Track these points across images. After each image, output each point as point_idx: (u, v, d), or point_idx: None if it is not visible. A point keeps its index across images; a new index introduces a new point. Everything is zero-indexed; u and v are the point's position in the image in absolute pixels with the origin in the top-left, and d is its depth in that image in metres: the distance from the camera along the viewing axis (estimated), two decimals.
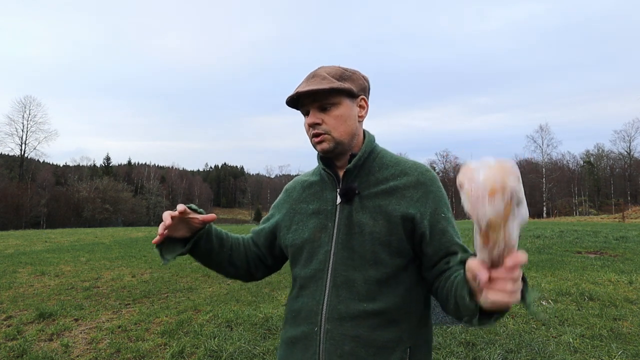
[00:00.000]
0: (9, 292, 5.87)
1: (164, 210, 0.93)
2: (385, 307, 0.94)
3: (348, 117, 1.02)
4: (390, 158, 1.08)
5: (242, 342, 3.46)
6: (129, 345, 3.49)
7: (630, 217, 28.80)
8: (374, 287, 0.95)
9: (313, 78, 1.02)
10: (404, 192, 1.00)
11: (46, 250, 11.43)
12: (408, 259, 0.99)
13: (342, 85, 0.99)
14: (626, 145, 57.04)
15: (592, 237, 11.73)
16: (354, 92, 1.02)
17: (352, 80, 1.03)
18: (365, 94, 1.07)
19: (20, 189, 49.12)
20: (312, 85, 0.98)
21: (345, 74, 1.03)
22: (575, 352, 3.20)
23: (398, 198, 0.99)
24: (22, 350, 3.39)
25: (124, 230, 23.97)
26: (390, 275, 0.96)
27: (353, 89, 1.01)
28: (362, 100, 1.06)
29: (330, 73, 1.02)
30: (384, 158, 1.07)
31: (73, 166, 77.39)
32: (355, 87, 1.03)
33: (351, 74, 1.04)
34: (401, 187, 1.01)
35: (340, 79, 1.01)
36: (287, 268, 1.17)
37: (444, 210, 1.00)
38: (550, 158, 56.75)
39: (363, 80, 1.06)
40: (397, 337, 0.94)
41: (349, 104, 1.02)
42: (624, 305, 4.43)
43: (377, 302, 0.94)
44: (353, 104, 1.03)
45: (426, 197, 1.00)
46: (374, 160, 1.06)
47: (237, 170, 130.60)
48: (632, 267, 6.82)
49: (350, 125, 1.03)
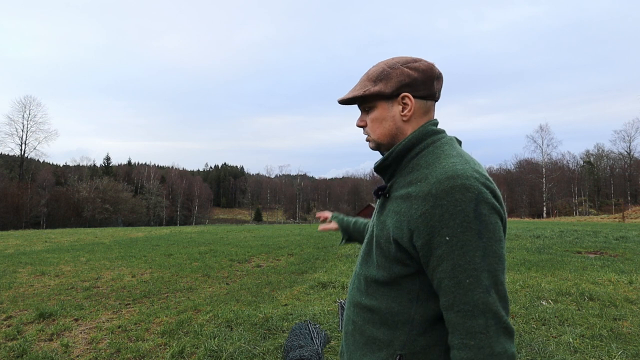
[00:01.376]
0: (9, 292, 5.87)
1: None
2: (378, 306, 0.94)
3: (384, 119, 0.99)
4: (432, 157, 0.92)
5: (242, 342, 3.46)
6: (129, 345, 3.49)
7: (630, 217, 28.79)
8: (373, 285, 0.96)
9: (357, 83, 1.05)
10: (413, 202, 0.87)
11: (46, 250, 11.42)
12: (413, 270, 0.89)
13: (368, 90, 0.97)
14: (626, 145, 57.09)
15: (592, 237, 11.74)
16: (386, 94, 0.97)
17: (388, 79, 0.97)
18: (412, 88, 0.97)
19: (20, 189, 49.13)
20: (347, 94, 1.03)
21: (383, 73, 0.98)
22: (575, 352, 3.19)
23: (407, 208, 0.88)
24: (22, 350, 3.39)
25: (124, 230, 23.98)
26: (389, 280, 0.93)
27: (384, 91, 0.96)
28: (404, 97, 0.97)
29: (372, 74, 1.00)
30: (425, 157, 0.94)
31: (73, 166, 77.28)
32: (390, 87, 0.96)
33: (390, 72, 0.97)
34: (413, 195, 0.88)
35: (376, 80, 0.98)
36: (287, 268, 1.18)
37: (450, 233, 0.80)
38: (550, 158, 56.78)
39: (406, 75, 0.96)
40: (387, 340, 0.92)
41: (385, 106, 0.99)
42: (624, 305, 4.43)
43: (372, 299, 0.96)
44: (391, 104, 0.98)
45: (431, 212, 0.82)
46: (412, 159, 0.95)
47: (237, 170, 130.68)
48: (632, 267, 6.82)
49: (387, 127, 0.99)
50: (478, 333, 0.77)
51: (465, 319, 0.78)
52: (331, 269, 7.33)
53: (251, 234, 17.88)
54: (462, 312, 0.78)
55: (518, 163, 67.44)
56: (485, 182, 0.85)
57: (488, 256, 0.79)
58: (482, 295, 0.77)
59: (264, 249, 11.21)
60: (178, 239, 15.08)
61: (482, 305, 0.77)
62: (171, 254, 10.22)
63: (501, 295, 0.79)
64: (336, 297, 5.06)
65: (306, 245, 11.89)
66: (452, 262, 0.80)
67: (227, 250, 10.99)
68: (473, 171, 0.85)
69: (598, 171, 67.50)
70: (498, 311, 0.78)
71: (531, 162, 59.43)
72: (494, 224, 0.81)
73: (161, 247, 11.84)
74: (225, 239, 14.96)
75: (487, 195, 0.82)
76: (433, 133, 0.97)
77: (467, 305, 0.78)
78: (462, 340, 0.79)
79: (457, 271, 0.79)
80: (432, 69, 0.99)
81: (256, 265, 8.27)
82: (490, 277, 0.78)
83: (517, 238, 12.16)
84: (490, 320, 0.77)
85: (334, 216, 1.61)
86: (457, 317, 0.79)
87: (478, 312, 0.77)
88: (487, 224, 0.80)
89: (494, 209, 0.82)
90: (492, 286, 0.78)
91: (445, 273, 0.81)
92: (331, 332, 3.61)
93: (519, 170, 65.67)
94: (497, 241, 0.81)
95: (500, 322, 0.78)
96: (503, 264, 0.81)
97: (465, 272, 0.78)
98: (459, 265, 0.79)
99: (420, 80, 0.97)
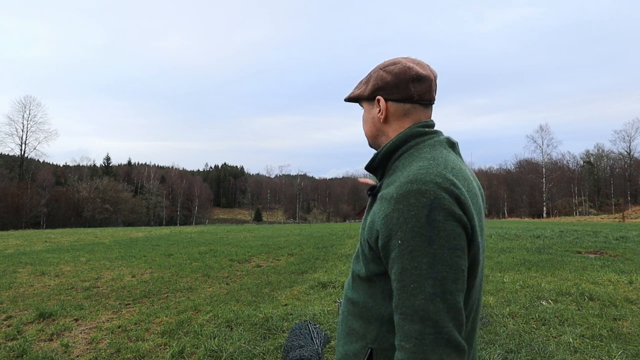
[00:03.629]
0: (9, 292, 5.87)
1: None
2: (358, 299, 0.98)
3: (367, 120, 1.07)
4: (409, 160, 0.93)
5: (242, 342, 3.46)
6: (129, 345, 3.49)
7: (630, 217, 28.79)
8: (357, 280, 1.01)
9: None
10: (382, 204, 0.87)
11: (46, 250, 11.43)
12: (384, 269, 0.89)
13: (352, 93, 1.07)
14: (626, 145, 57.04)
15: (592, 237, 11.74)
16: (363, 96, 1.04)
17: (367, 83, 1.03)
18: (385, 91, 0.99)
19: (20, 189, 49.12)
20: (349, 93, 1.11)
21: (368, 76, 1.05)
22: (575, 352, 3.19)
23: (377, 209, 0.89)
24: (22, 350, 3.39)
25: (124, 230, 23.97)
26: (368, 277, 0.96)
27: (361, 94, 1.04)
28: (379, 101, 1.00)
29: (364, 77, 1.07)
30: (405, 159, 0.94)
31: (73, 166, 77.21)
32: (367, 90, 1.02)
33: (371, 75, 1.03)
34: (384, 197, 0.88)
35: (363, 83, 1.05)
36: (287, 268, 1.19)
37: (402, 237, 0.80)
38: (550, 158, 56.73)
39: (380, 79, 0.99)
40: (362, 332, 0.95)
41: (367, 108, 1.06)
42: (624, 305, 4.43)
43: (354, 293, 1.01)
44: (371, 106, 1.04)
45: (390, 215, 0.83)
46: (395, 160, 0.97)
47: (237, 170, 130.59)
48: (632, 267, 6.82)
49: (369, 128, 1.06)
50: (413, 338, 0.77)
51: (405, 322, 0.79)
52: (331, 269, 7.34)
53: (251, 234, 17.88)
54: (404, 315, 0.79)
55: (518, 163, 67.48)
56: (448, 187, 0.82)
57: (437, 264, 0.77)
58: (422, 302, 0.77)
59: (264, 249, 11.21)
60: (178, 239, 15.08)
61: (421, 312, 0.76)
62: (171, 254, 10.22)
63: (449, 305, 0.77)
64: (336, 297, 5.06)
65: (306, 245, 11.89)
66: (401, 266, 0.80)
67: (227, 250, 10.99)
68: (435, 175, 0.83)
69: (598, 171, 67.50)
70: (439, 320, 0.76)
71: (531, 162, 59.42)
72: (449, 231, 0.79)
73: (161, 247, 11.84)
74: (225, 239, 14.96)
75: (444, 202, 0.80)
76: (418, 135, 0.96)
77: (408, 309, 0.78)
78: (400, 342, 0.80)
79: (404, 275, 0.79)
80: (407, 71, 0.96)
81: (256, 265, 8.27)
82: (436, 284, 0.77)
83: (517, 238, 12.16)
84: (428, 328, 0.76)
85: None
86: (399, 319, 0.80)
87: (416, 318, 0.77)
88: (439, 230, 0.78)
89: (452, 215, 0.80)
90: (438, 295, 0.76)
91: (395, 275, 0.81)
92: (331, 332, 3.61)
93: (519, 170, 65.63)
94: (450, 249, 0.78)
95: (441, 332, 0.76)
96: (456, 273, 0.78)
97: (410, 277, 0.78)
98: (406, 269, 0.79)
99: (392, 84, 0.97)
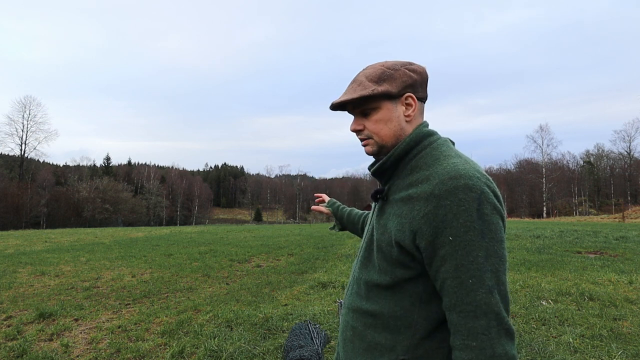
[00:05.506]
0: (9, 292, 5.87)
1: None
2: (380, 311, 0.93)
3: (389, 120, 0.97)
4: (431, 159, 0.92)
5: (242, 342, 3.46)
6: (129, 345, 3.49)
7: (630, 217, 28.79)
8: (375, 289, 0.95)
9: (351, 85, 1.01)
10: (415, 204, 0.86)
11: (46, 250, 11.42)
12: (416, 272, 0.89)
13: (376, 90, 0.94)
14: (626, 145, 56.99)
15: (592, 237, 11.73)
16: (393, 94, 0.95)
17: (392, 80, 0.96)
18: (414, 89, 0.97)
19: (20, 189, 49.10)
20: (346, 95, 0.98)
21: (385, 74, 0.96)
22: (575, 352, 3.19)
23: (409, 209, 0.88)
24: (22, 350, 3.38)
25: (124, 230, 23.98)
26: (392, 284, 0.92)
27: (391, 91, 0.95)
28: (407, 98, 0.97)
29: (369, 76, 0.98)
30: (424, 158, 0.94)
31: (73, 166, 77.24)
32: (395, 87, 0.95)
33: (392, 72, 0.96)
34: (415, 197, 0.87)
35: (379, 81, 0.96)
36: (287, 268, 1.19)
37: (454, 233, 0.79)
38: (550, 158, 56.69)
39: (408, 77, 0.97)
40: (389, 345, 0.91)
41: (389, 106, 0.97)
42: (624, 305, 4.42)
43: (373, 303, 0.95)
44: (395, 104, 0.97)
45: (434, 213, 0.82)
46: (410, 161, 0.95)
47: (237, 170, 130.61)
48: (632, 267, 6.82)
49: (393, 128, 0.98)
50: (480, 334, 0.77)
51: (468, 319, 0.78)
52: (331, 269, 7.33)
53: (251, 234, 17.88)
54: (465, 312, 0.78)
55: (518, 163, 67.46)
56: (486, 182, 0.84)
57: (491, 256, 0.79)
58: (484, 296, 0.77)
59: (264, 249, 11.21)
60: (178, 239, 15.08)
61: (484, 306, 0.77)
62: (171, 254, 10.22)
63: (503, 296, 0.79)
64: (336, 297, 5.06)
65: (306, 245, 11.89)
66: (455, 262, 0.79)
67: (227, 250, 10.99)
68: (475, 171, 0.85)
69: (598, 171, 67.47)
70: (500, 312, 0.78)
71: (531, 162, 59.39)
72: (496, 224, 0.81)
73: (161, 247, 11.84)
74: (225, 239, 14.96)
75: (489, 196, 0.82)
76: (429, 135, 0.98)
77: (469, 306, 0.78)
78: (464, 341, 0.78)
79: (460, 271, 0.79)
80: (426, 72, 1.01)
81: (256, 265, 8.27)
82: (493, 277, 0.78)
83: (517, 238, 12.16)
84: (492, 321, 0.77)
85: (330, 202, 1.59)
86: (459, 317, 0.79)
87: (480, 313, 0.77)
88: (489, 224, 0.80)
89: (496, 209, 0.82)
90: (495, 287, 0.78)
91: (448, 273, 0.80)
92: (331, 332, 3.61)
93: (519, 170, 65.59)
94: (498, 241, 0.81)
95: (502, 324, 0.77)
96: (505, 264, 0.81)
97: (468, 272, 0.78)
98: (462, 265, 0.79)
99: (419, 82, 0.99)
